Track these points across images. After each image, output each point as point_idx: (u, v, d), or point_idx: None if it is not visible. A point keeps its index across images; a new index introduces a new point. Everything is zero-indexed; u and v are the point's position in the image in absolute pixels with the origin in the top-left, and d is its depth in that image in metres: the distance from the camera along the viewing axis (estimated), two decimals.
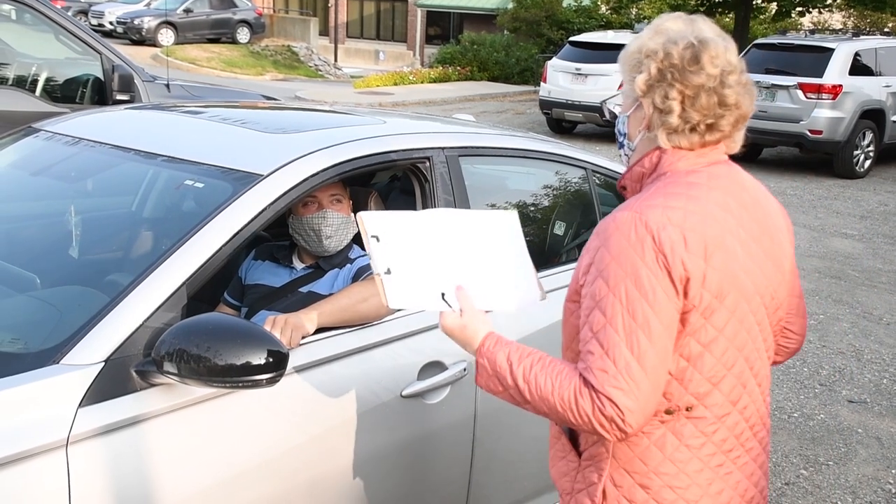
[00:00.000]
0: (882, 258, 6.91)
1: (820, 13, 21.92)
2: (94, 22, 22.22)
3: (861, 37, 10.85)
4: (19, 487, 1.44)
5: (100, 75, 5.03)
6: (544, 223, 2.81)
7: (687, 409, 1.39)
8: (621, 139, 1.53)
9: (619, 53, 1.50)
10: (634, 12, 21.30)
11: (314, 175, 1.97)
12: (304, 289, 2.24)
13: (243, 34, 23.90)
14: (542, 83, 13.01)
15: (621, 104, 1.53)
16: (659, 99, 1.41)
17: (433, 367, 2.07)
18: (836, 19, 24.24)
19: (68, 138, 2.34)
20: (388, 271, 1.48)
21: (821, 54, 10.02)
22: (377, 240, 1.49)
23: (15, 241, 2.26)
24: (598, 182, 2.83)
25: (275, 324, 1.86)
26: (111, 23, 22.55)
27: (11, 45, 5.28)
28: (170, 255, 1.72)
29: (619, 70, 1.50)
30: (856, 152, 10.12)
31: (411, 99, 15.95)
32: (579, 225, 2.82)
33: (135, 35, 22.18)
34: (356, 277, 2.21)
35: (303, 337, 1.88)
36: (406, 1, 28.58)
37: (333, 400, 1.89)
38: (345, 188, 2.29)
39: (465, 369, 2.10)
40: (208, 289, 1.92)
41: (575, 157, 2.79)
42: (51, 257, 2.16)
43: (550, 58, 14.23)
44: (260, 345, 1.59)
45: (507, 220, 1.58)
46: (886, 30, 18.23)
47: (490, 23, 23.89)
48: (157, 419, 1.61)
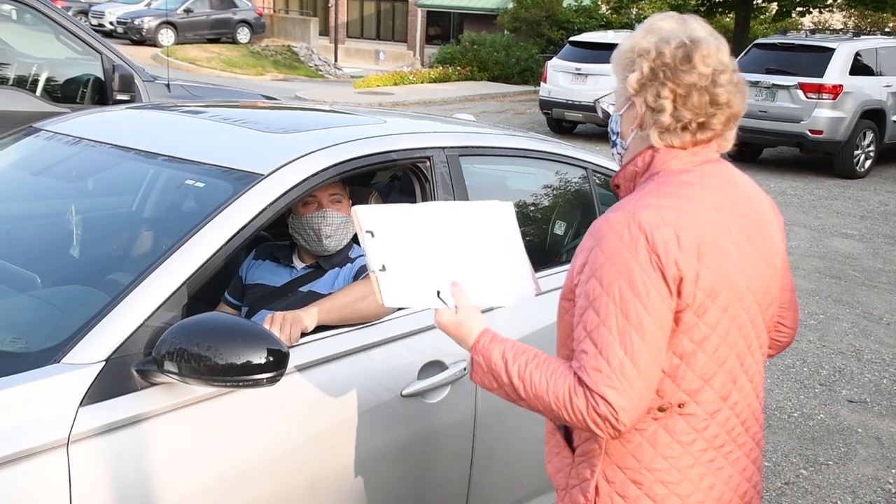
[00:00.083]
0: (882, 258, 6.91)
1: (820, 13, 21.93)
2: (95, 22, 22.23)
3: (861, 37, 10.83)
4: (20, 486, 1.44)
5: (100, 75, 5.03)
6: (544, 223, 2.81)
7: (679, 406, 1.40)
8: (614, 138, 1.54)
9: (612, 53, 1.51)
10: (635, 12, 21.30)
11: (315, 175, 1.97)
12: (305, 288, 2.24)
13: (243, 34, 23.91)
14: (543, 83, 13.02)
15: (614, 103, 1.54)
16: (651, 98, 1.41)
17: (433, 367, 2.07)
18: (837, 19, 24.24)
19: (69, 138, 2.34)
20: (383, 268, 1.48)
21: (821, 54, 10.01)
22: (372, 235, 1.49)
23: (16, 241, 2.26)
24: (599, 182, 2.83)
25: (273, 320, 1.86)
26: (111, 23, 22.57)
27: (12, 45, 5.28)
28: (170, 255, 1.72)
29: (612, 69, 1.51)
30: (856, 152, 10.12)
31: (411, 99, 15.96)
32: (579, 225, 2.82)
33: (135, 35, 22.19)
34: (356, 276, 2.21)
35: (302, 334, 1.88)
36: (406, 1, 28.59)
37: (334, 399, 1.89)
38: (344, 188, 2.29)
39: (465, 369, 2.10)
40: (209, 288, 1.92)
41: (575, 157, 2.79)
42: (51, 257, 2.16)
43: (550, 58, 14.23)
44: (260, 344, 1.59)
45: (503, 210, 1.59)
46: (887, 30, 18.22)
47: (490, 23, 23.89)
48: (158, 418, 1.62)
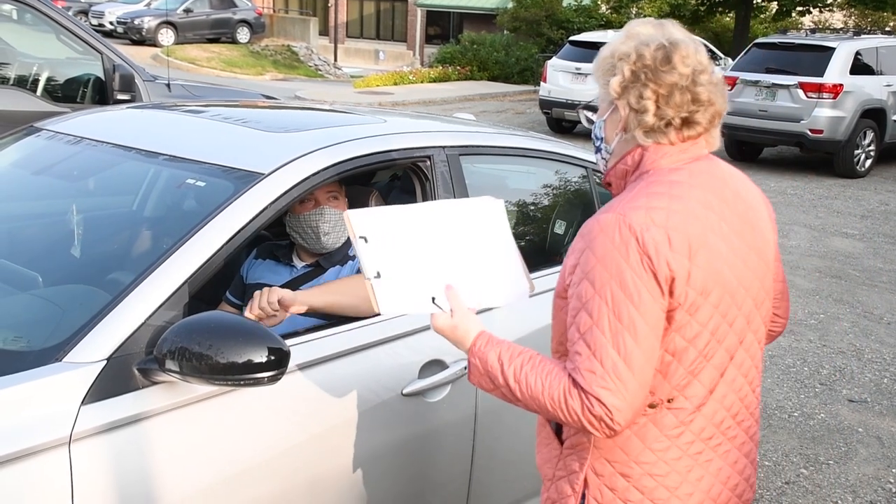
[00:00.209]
0: (883, 258, 6.91)
1: (821, 12, 21.94)
2: (95, 22, 22.23)
3: (862, 36, 10.83)
4: (23, 485, 1.44)
5: (101, 75, 5.04)
6: (545, 222, 2.81)
7: (668, 401, 1.41)
8: (598, 143, 1.56)
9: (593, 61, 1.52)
10: (634, 12, 21.30)
11: (315, 174, 1.97)
12: (306, 287, 2.24)
13: (243, 34, 23.90)
14: (542, 83, 13.01)
15: (598, 109, 1.56)
16: (634, 99, 1.43)
17: (434, 366, 2.08)
18: (837, 18, 24.24)
19: (70, 137, 2.34)
20: (378, 275, 1.49)
21: (821, 53, 10.00)
22: (365, 241, 1.49)
23: (17, 240, 2.26)
24: (599, 181, 2.84)
25: (262, 293, 1.92)
26: (111, 23, 22.56)
27: (13, 45, 5.28)
28: (171, 254, 1.72)
29: (594, 76, 1.53)
30: (856, 152, 10.11)
31: (411, 98, 15.95)
32: (580, 224, 2.81)
33: (135, 35, 22.19)
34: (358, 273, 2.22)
35: (287, 309, 1.92)
36: (406, 1, 28.58)
37: (334, 398, 1.89)
38: (340, 185, 2.29)
39: (466, 368, 2.10)
40: (210, 288, 1.93)
41: (575, 157, 2.80)
42: (53, 256, 2.16)
43: (550, 57, 14.23)
44: (261, 343, 1.59)
45: (494, 208, 1.60)
46: (887, 29, 18.22)
47: (490, 22, 23.89)
48: (159, 417, 1.62)
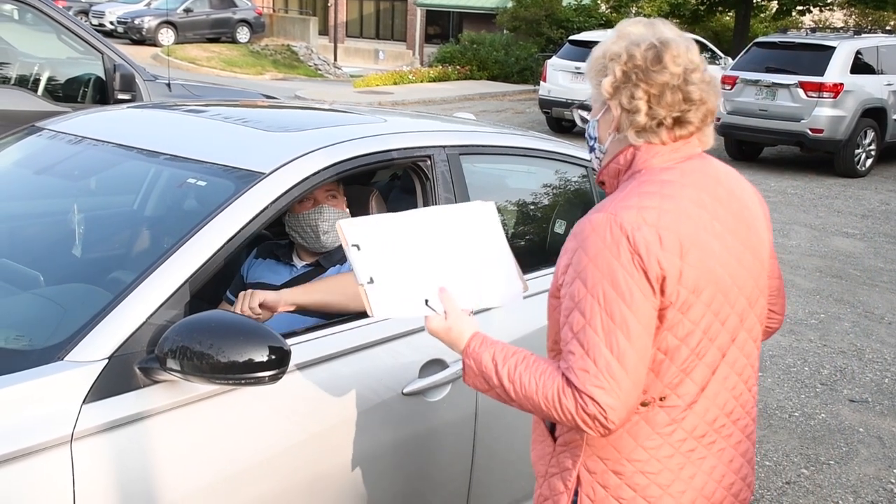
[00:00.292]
0: (883, 257, 6.91)
1: (821, 11, 21.94)
2: (95, 22, 22.22)
3: (862, 35, 10.81)
4: (25, 483, 1.45)
5: (101, 75, 5.04)
6: (545, 221, 2.82)
7: (660, 399, 1.42)
8: (592, 143, 1.56)
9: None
10: (634, 11, 21.30)
11: (316, 173, 1.98)
12: None
13: (243, 34, 23.91)
14: (542, 82, 13.01)
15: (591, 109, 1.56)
16: (625, 100, 1.43)
17: (434, 365, 2.08)
18: (838, 17, 24.23)
19: (71, 137, 2.34)
20: (371, 280, 1.50)
21: (822, 53, 10.00)
22: (358, 248, 1.50)
23: (19, 240, 2.27)
24: None
25: (244, 297, 1.96)
26: (112, 22, 22.57)
27: (13, 45, 5.29)
28: (172, 253, 1.72)
29: (586, 77, 1.53)
30: (857, 151, 10.10)
31: (411, 98, 15.95)
32: None
33: (135, 35, 22.19)
34: None
35: (273, 311, 1.97)
36: (405, 0, 28.58)
37: (335, 397, 1.89)
38: (339, 184, 2.28)
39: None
40: (210, 287, 1.93)
41: (575, 156, 2.80)
42: (54, 255, 2.16)
43: (550, 57, 14.22)
44: (262, 342, 1.59)
45: (485, 211, 1.61)
46: (888, 28, 18.21)
47: (489, 22, 23.89)
48: (161, 416, 1.62)
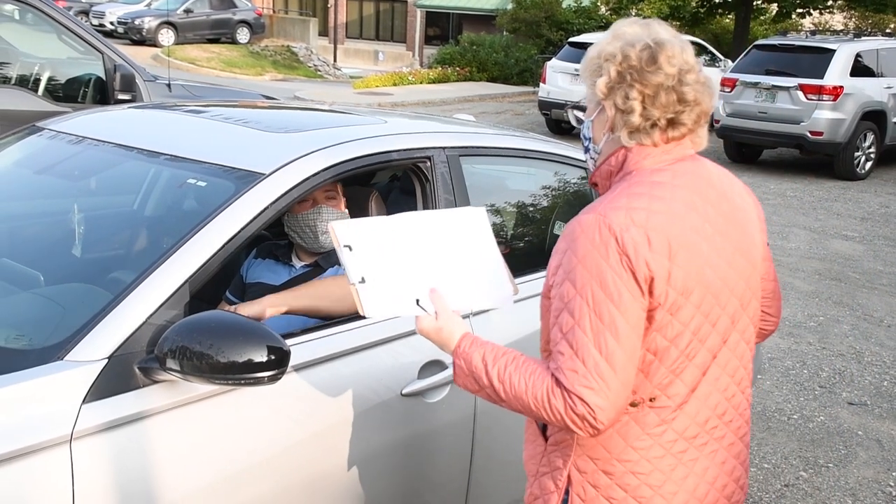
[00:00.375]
0: (883, 260, 6.91)
1: (821, 14, 21.95)
2: (95, 22, 22.22)
3: (862, 38, 10.81)
4: (24, 482, 1.45)
5: (102, 75, 5.05)
6: (544, 223, 2.82)
7: (651, 400, 1.42)
8: (587, 143, 1.57)
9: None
10: (634, 13, 21.32)
11: (316, 174, 1.98)
12: None
13: (243, 34, 23.92)
14: (542, 84, 13.02)
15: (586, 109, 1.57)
16: (620, 100, 1.44)
17: (433, 366, 2.08)
18: (837, 20, 24.25)
19: (72, 137, 2.34)
20: (363, 280, 1.51)
21: (821, 55, 10.00)
22: (350, 249, 1.51)
23: (19, 239, 2.27)
24: None
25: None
26: (112, 23, 22.57)
27: (14, 45, 5.29)
28: (172, 253, 1.72)
29: (581, 77, 1.53)
30: (856, 154, 10.11)
31: (410, 99, 15.95)
32: None
33: (135, 35, 22.20)
34: None
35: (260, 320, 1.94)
36: (405, 1, 28.59)
37: (334, 398, 1.90)
38: (337, 185, 2.28)
39: None
40: (210, 287, 1.93)
41: (575, 158, 2.80)
42: (54, 255, 2.16)
43: (550, 58, 14.23)
44: (262, 342, 1.60)
45: (476, 216, 1.62)
46: (888, 31, 18.23)
47: (489, 23, 23.90)
48: (160, 416, 1.62)
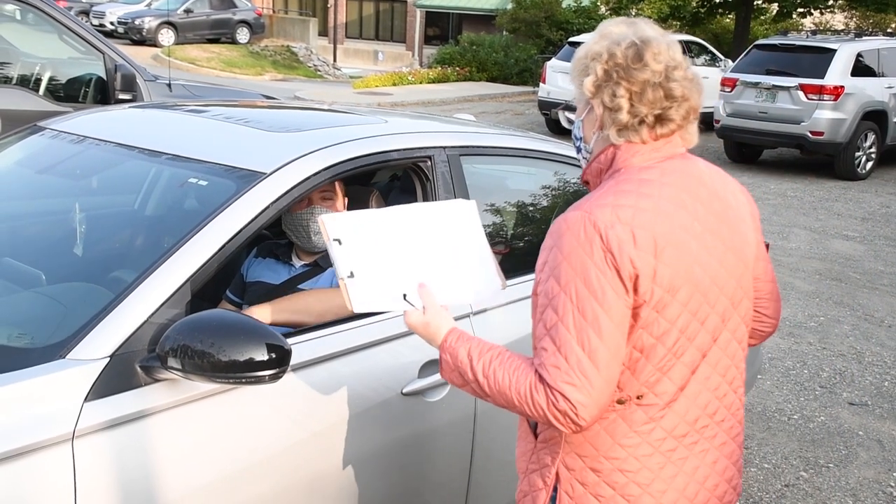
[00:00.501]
0: (884, 260, 6.91)
1: (821, 14, 21.94)
2: (96, 22, 22.21)
3: (863, 38, 10.80)
4: (26, 480, 1.45)
5: (102, 75, 5.05)
6: (544, 223, 2.82)
7: (638, 398, 1.43)
8: (578, 143, 1.57)
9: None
10: (634, 13, 21.32)
11: (317, 174, 1.98)
12: (307, 286, 2.25)
13: (243, 34, 23.92)
14: (541, 84, 13.03)
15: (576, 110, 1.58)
16: (608, 98, 1.45)
17: (434, 366, 2.08)
18: (838, 20, 24.24)
19: (73, 137, 2.35)
20: (352, 275, 1.51)
21: (822, 55, 9.99)
22: (339, 243, 1.52)
23: (21, 238, 2.27)
24: None
25: None
26: (112, 23, 22.57)
27: (15, 45, 5.30)
28: (174, 252, 1.73)
29: (570, 78, 1.54)
30: (857, 154, 10.09)
31: (410, 99, 15.95)
32: None
33: (135, 35, 22.20)
34: None
35: None
36: (405, 1, 28.59)
37: (335, 397, 1.90)
38: (335, 185, 2.27)
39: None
40: (211, 286, 1.93)
41: (575, 157, 2.80)
42: (56, 254, 2.17)
43: (549, 58, 14.24)
44: (263, 341, 1.60)
45: (466, 209, 1.62)
46: (889, 30, 18.22)
47: (489, 23, 23.90)
48: (162, 414, 1.63)
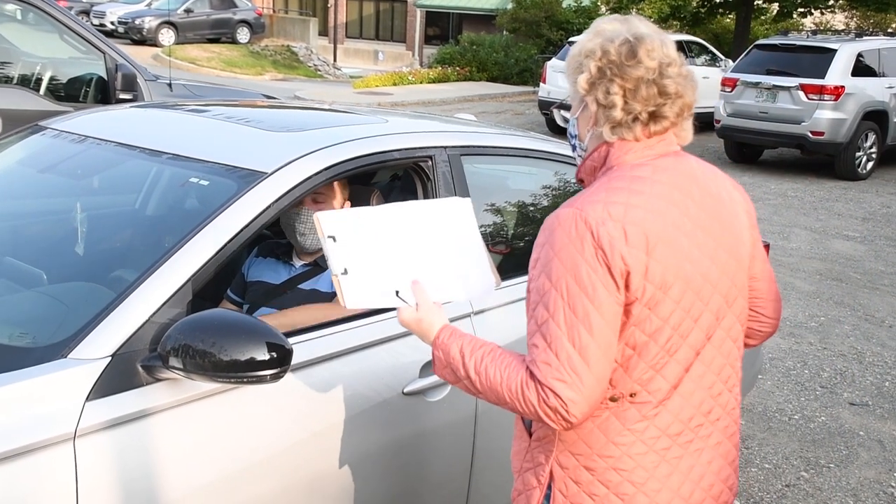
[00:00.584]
0: (884, 260, 6.91)
1: (822, 14, 21.92)
2: (96, 22, 22.21)
3: (864, 37, 10.79)
4: (28, 480, 1.45)
5: (103, 74, 5.06)
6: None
7: (631, 396, 1.42)
8: (573, 141, 1.57)
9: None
10: (634, 12, 21.28)
11: (318, 173, 1.98)
12: (307, 286, 2.25)
13: (243, 34, 23.93)
14: (542, 84, 13.03)
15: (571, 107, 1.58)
16: (601, 95, 1.45)
17: None
18: (839, 20, 24.23)
19: (74, 136, 2.35)
20: (345, 272, 1.52)
21: (823, 55, 9.99)
22: (333, 240, 1.52)
23: (22, 238, 2.27)
24: None
25: None
26: (112, 23, 22.57)
27: (16, 45, 5.30)
28: (175, 252, 1.73)
29: (565, 76, 1.55)
30: (858, 154, 10.09)
31: (410, 99, 15.95)
32: None
33: (136, 35, 22.21)
34: None
35: None
36: (405, 1, 28.59)
37: (335, 397, 1.90)
38: (332, 186, 2.25)
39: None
40: (212, 286, 1.93)
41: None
42: (57, 254, 2.17)
43: (550, 58, 14.24)
44: (264, 341, 1.60)
45: (460, 207, 1.62)
46: (890, 30, 18.21)
47: (489, 23, 23.90)
48: (163, 414, 1.63)
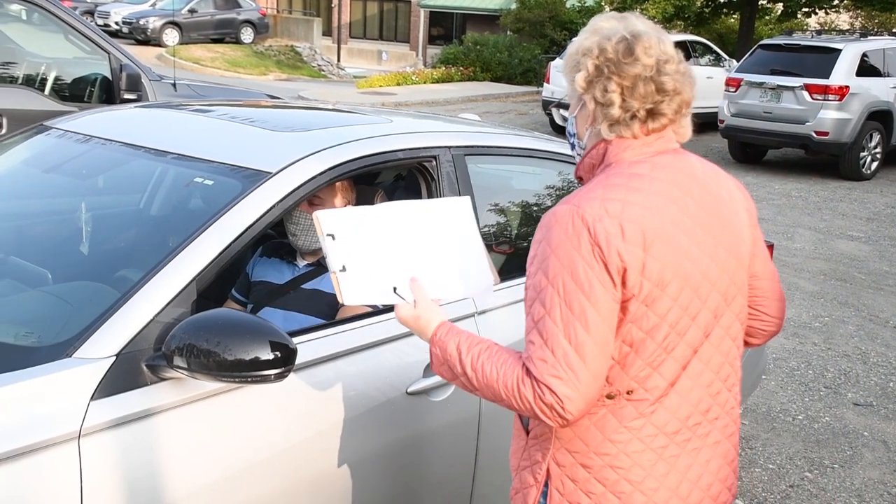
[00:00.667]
0: (889, 261, 6.89)
1: (826, 14, 21.87)
2: (100, 22, 22.26)
3: (868, 37, 10.77)
4: (33, 478, 1.46)
5: (108, 74, 5.06)
6: None
7: (628, 393, 1.42)
8: (572, 140, 1.57)
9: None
10: (638, 12, 21.25)
11: (322, 173, 1.99)
12: (309, 286, 2.25)
13: (247, 34, 23.96)
14: (545, 84, 13.02)
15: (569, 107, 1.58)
16: (599, 93, 1.44)
17: None
18: (843, 20, 24.17)
19: (79, 136, 2.35)
20: (344, 269, 1.52)
21: (827, 55, 9.97)
22: (332, 238, 1.53)
23: (27, 238, 2.28)
24: None
25: None
26: (117, 23, 22.62)
27: (21, 45, 5.31)
28: (180, 252, 1.73)
29: (563, 74, 1.54)
30: (862, 154, 10.07)
31: (414, 99, 15.96)
32: None
33: (140, 35, 22.26)
34: None
35: None
36: (409, 1, 28.60)
37: (339, 396, 1.90)
38: (331, 190, 2.24)
39: None
40: (216, 285, 1.94)
41: None
42: (62, 253, 2.18)
43: (553, 58, 14.23)
44: (268, 340, 1.60)
45: (460, 206, 1.63)
46: (895, 30, 18.15)
47: (493, 23, 23.90)
48: (167, 413, 1.63)
